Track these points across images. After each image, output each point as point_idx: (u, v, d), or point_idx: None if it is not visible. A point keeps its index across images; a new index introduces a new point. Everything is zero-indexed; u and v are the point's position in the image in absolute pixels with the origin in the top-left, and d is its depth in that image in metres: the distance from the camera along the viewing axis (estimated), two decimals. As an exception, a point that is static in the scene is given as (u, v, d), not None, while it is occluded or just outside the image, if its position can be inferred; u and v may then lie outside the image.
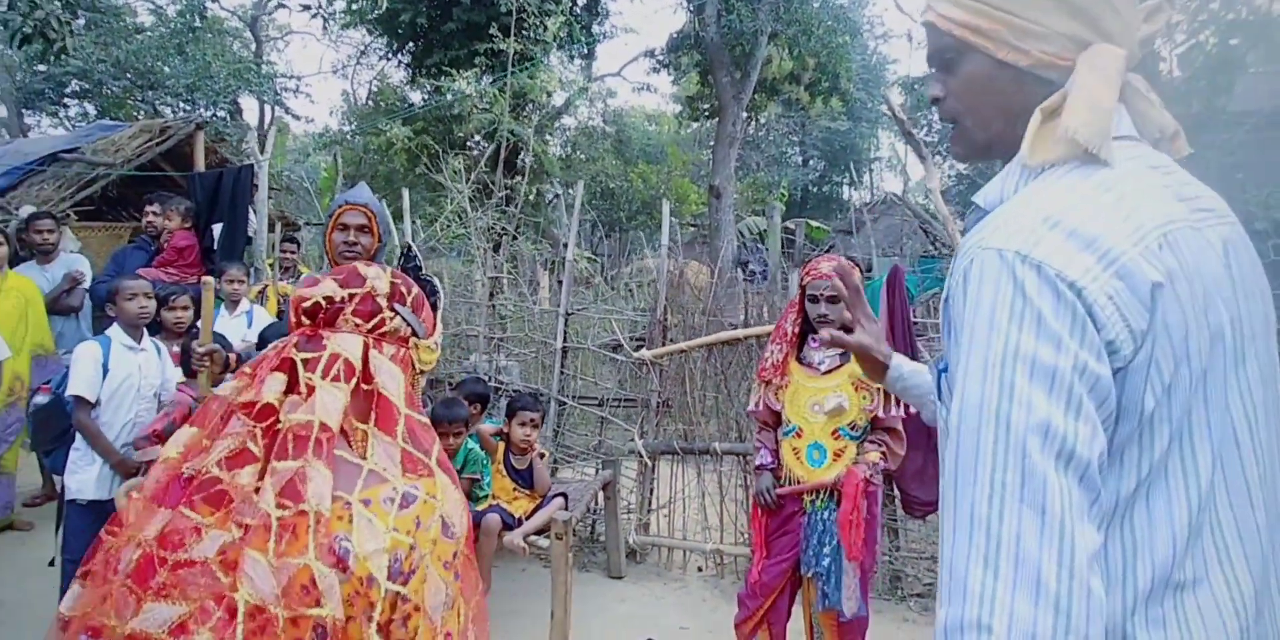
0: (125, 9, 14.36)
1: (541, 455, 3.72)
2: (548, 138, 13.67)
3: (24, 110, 13.90)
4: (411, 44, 13.27)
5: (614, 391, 4.67)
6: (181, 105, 13.37)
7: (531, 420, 3.66)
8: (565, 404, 4.63)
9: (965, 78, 0.97)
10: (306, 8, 14.31)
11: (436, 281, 1.33)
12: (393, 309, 1.11)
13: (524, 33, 9.93)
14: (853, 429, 2.77)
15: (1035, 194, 0.87)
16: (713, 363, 4.49)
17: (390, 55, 14.56)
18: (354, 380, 0.99)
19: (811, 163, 24.14)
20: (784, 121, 20.31)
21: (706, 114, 17.45)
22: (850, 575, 2.67)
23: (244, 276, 4.54)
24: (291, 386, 0.99)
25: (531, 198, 11.23)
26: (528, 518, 3.58)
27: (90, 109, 14.29)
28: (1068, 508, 0.72)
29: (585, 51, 14.66)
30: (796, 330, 2.89)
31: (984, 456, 0.75)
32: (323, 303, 1.07)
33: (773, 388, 2.91)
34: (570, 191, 4.61)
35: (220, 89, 12.89)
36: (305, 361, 1.02)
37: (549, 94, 11.79)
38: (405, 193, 5.06)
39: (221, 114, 13.80)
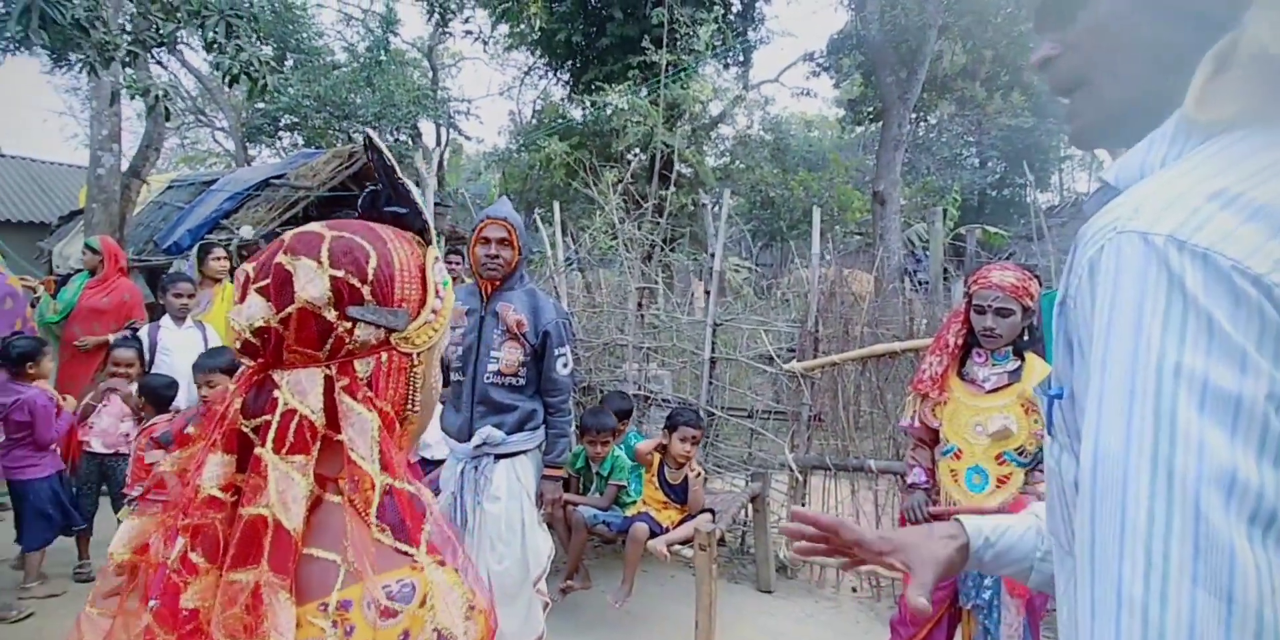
0: (324, 49, 15.99)
1: (698, 474, 3.69)
2: (704, 148, 13.74)
3: (247, 142, 15.80)
4: (569, 62, 13.80)
5: (764, 403, 4.58)
6: (370, 132, 14.68)
7: (692, 437, 3.60)
8: (714, 415, 4.59)
9: (1097, 22, 0.72)
10: (469, 33, 15.29)
11: (411, 186, 0.84)
12: (346, 316, 0.75)
13: (676, 43, 10.05)
14: (1020, 454, 2.52)
15: (1198, 164, 0.62)
16: (868, 376, 4.30)
17: (551, 74, 15.22)
18: (317, 444, 0.72)
19: (990, 164, 22.68)
20: (957, 121, 19.27)
21: (870, 117, 16.88)
22: (1013, 612, 2.43)
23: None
24: (247, 462, 0.73)
25: (690, 208, 11.32)
26: (675, 527, 3.58)
27: (299, 139, 16.01)
28: (1270, 593, 0.50)
29: (740, 58, 14.61)
30: (960, 342, 2.67)
31: (1135, 518, 0.54)
32: (254, 341, 0.75)
33: (930, 403, 2.72)
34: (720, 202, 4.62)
35: (403, 115, 14.07)
36: (256, 430, 0.73)
37: (703, 104, 11.85)
38: (556, 206, 5.24)
39: (404, 138, 15.03)
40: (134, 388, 3.99)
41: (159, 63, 11.18)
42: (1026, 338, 2.58)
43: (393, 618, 0.68)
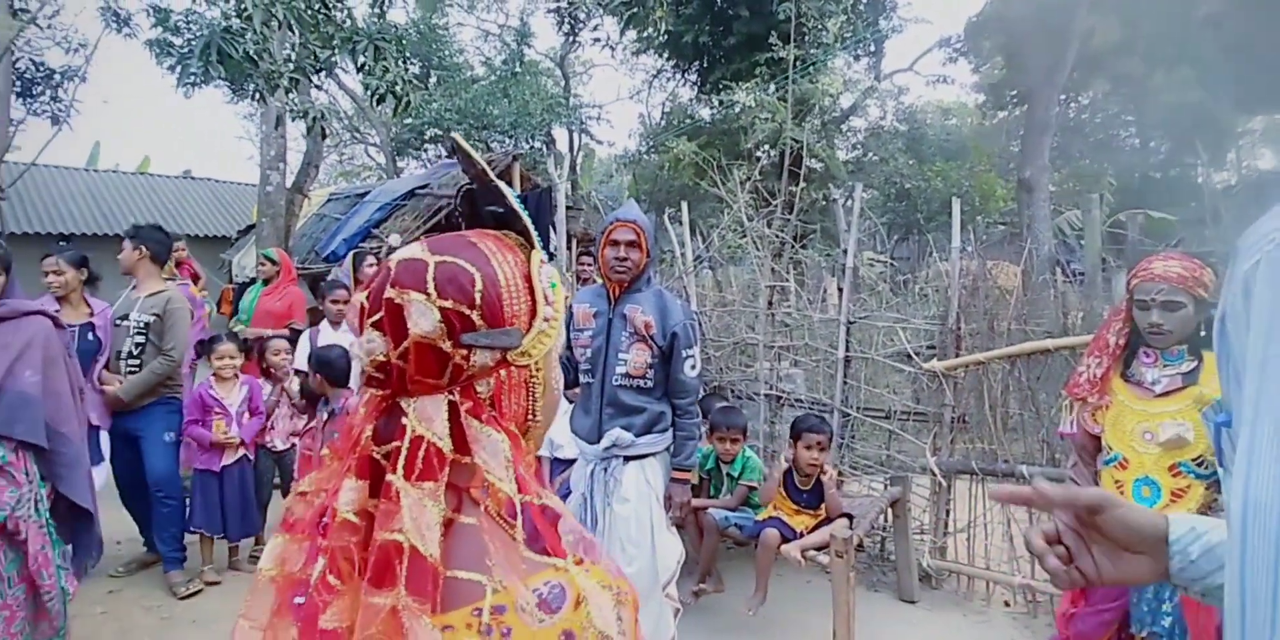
0: (464, 64, 16.83)
1: (829, 476, 3.58)
2: (834, 141, 13.39)
3: (396, 156, 16.88)
4: (696, 62, 13.81)
5: (902, 404, 4.38)
6: (506, 140, 15.31)
7: (818, 442, 3.50)
8: (849, 415, 4.45)
9: None
10: (598, 40, 15.62)
11: (505, 187, 0.84)
12: (461, 344, 0.75)
13: (804, 37, 9.84)
14: (1199, 466, 2.25)
15: None
16: (1018, 376, 4.04)
17: (678, 75, 15.29)
18: (445, 469, 0.72)
19: (1153, 144, 20.74)
20: (1112, 100, 17.81)
21: (1014, 101, 15.90)
22: None
23: (554, 289, 5.00)
24: (379, 488, 0.73)
25: (822, 203, 11.07)
26: (809, 532, 3.49)
27: (443, 151, 16.91)
28: None
29: (871, 49, 14.14)
30: (1123, 342, 2.43)
31: None
32: (377, 374, 0.76)
33: (1089, 407, 2.48)
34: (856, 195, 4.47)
35: (537, 123, 14.62)
36: (387, 456, 0.74)
37: (833, 97, 11.53)
38: (685, 205, 5.23)
39: (538, 145, 15.59)
40: (293, 383, 4.33)
41: (318, 87, 12.13)
42: (1204, 333, 2.30)
43: (549, 617, 0.68)
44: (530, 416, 0.83)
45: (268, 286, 5.73)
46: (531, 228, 0.84)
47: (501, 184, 0.83)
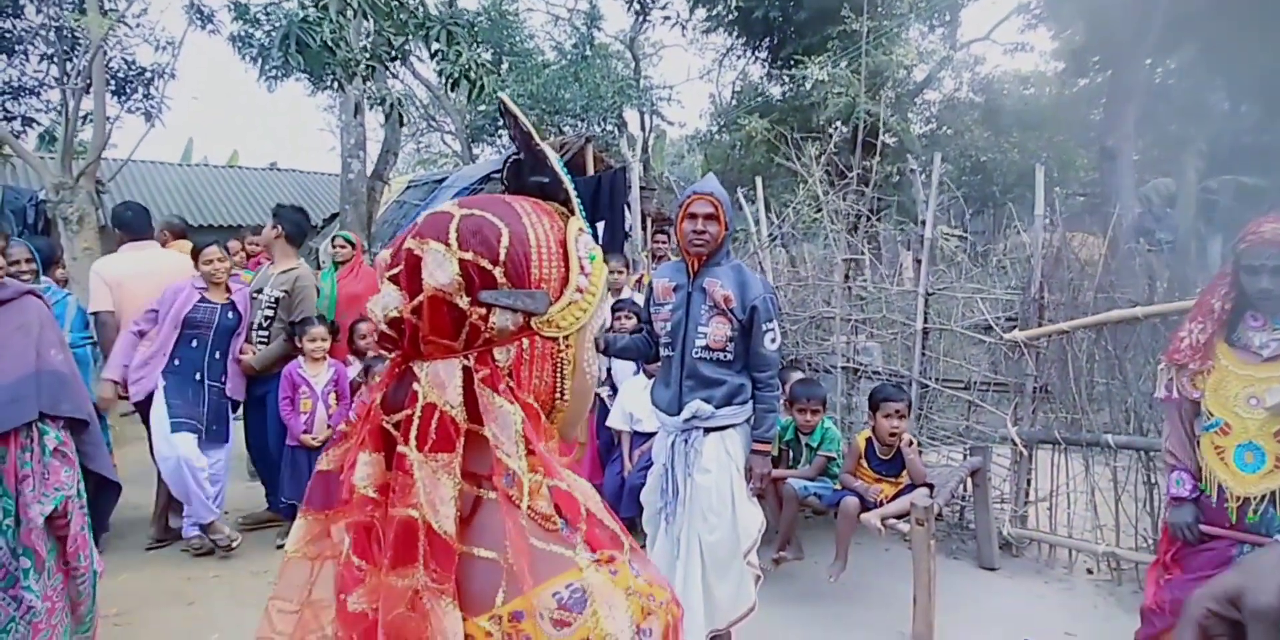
0: (535, 49, 17.02)
1: (910, 443, 3.62)
2: (909, 115, 13.08)
3: (471, 143, 17.22)
4: (767, 39, 13.66)
5: (982, 374, 4.37)
6: (579, 123, 15.46)
7: (897, 411, 3.55)
8: (928, 387, 4.46)
9: None
10: (668, 19, 15.55)
11: (550, 152, 0.78)
12: (479, 302, 0.68)
13: (877, 8, 9.64)
14: None
15: None
16: (1103, 345, 3.98)
17: (749, 53, 15.14)
18: (460, 440, 0.66)
19: (1244, 109, 19.50)
20: (1202, 64, 16.80)
21: (1097, 67, 15.21)
22: None
23: (624, 267, 5.12)
24: (394, 460, 0.68)
25: (895, 178, 10.89)
26: (889, 500, 3.54)
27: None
28: None
29: (946, 18, 13.72)
30: (1228, 307, 2.39)
31: None
32: (390, 332, 0.70)
33: (1189, 372, 2.45)
34: (929, 169, 4.39)
35: (608, 106, 14.72)
36: (397, 425, 0.68)
37: (907, 69, 11.26)
38: (759, 182, 5.26)
39: (610, 127, 15.69)
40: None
41: (393, 75, 12.48)
42: None
43: (568, 627, 0.62)
44: (558, 395, 0.76)
45: (342, 269, 5.47)
46: (574, 195, 0.78)
47: (547, 147, 0.78)
